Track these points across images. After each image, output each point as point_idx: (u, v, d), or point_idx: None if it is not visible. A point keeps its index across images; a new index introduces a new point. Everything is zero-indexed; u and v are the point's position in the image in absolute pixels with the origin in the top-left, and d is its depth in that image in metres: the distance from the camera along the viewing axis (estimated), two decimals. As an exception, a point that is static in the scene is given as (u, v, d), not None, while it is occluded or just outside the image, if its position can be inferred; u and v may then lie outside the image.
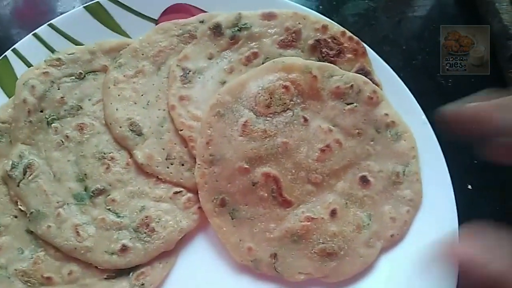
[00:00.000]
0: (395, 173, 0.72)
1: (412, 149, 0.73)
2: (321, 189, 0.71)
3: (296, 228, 0.68)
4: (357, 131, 0.72)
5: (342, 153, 0.71)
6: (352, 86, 0.73)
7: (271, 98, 0.71)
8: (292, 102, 0.72)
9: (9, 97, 0.77)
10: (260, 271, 0.68)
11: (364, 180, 0.71)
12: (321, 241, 0.68)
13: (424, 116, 0.76)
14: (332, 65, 0.75)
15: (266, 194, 0.69)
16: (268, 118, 0.71)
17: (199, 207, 0.70)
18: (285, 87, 0.72)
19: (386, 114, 0.73)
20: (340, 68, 0.76)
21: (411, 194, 0.72)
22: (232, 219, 0.69)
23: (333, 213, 0.69)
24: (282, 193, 0.69)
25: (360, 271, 0.69)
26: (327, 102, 0.73)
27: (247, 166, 0.69)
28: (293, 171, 0.70)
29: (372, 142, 0.73)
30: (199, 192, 0.69)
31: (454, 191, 0.71)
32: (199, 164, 0.70)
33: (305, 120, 0.72)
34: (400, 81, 0.78)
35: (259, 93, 0.71)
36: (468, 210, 0.69)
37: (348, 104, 0.73)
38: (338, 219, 0.69)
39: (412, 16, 0.97)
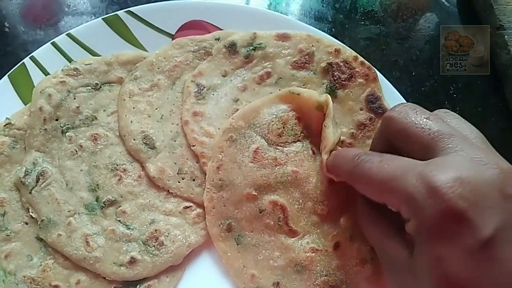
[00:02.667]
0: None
1: None
2: (327, 221, 0.70)
3: (300, 258, 0.68)
4: None
5: (348, 186, 0.71)
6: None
7: (283, 127, 0.72)
8: (302, 134, 0.72)
9: (25, 104, 0.77)
10: (261, 298, 0.68)
11: None
12: (324, 273, 0.67)
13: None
14: None
15: (272, 222, 0.69)
16: (279, 147, 0.71)
17: (208, 223, 0.71)
18: (298, 118, 0.72)
19: None
20: (351, 92, 0.77)
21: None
22: (237, 244, 0.69)
23: (336, 246, 0.68)
24: (288, 222, 0.69)
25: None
26: None
27: (255, 193, 0.69)
28: (301, 201, 0.69)
29: None
30: (206, 216, 0.70)
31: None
32: (208, 188, 0.70)
33: (313, 152, 0.72)
34: (409, 107, 0.79)
35: (272, 121, 0.72)
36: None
37: None
38: (341, 252, 0.68)
39: (422, 42, 0.98)
